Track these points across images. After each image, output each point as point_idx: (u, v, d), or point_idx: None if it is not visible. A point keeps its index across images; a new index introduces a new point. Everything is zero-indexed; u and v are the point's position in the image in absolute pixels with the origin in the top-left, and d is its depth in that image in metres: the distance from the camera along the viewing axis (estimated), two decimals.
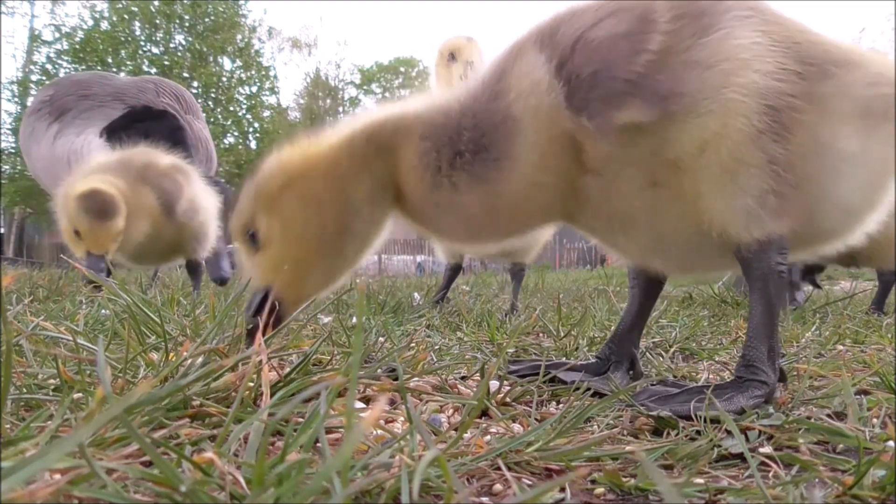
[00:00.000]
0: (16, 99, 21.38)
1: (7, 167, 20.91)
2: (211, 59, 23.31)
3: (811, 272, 2.66)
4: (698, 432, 0.85)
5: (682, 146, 0.96)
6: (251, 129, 23.65)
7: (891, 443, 0.75)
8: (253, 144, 23.35)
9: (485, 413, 0.93)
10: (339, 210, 1.05)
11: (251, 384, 0.85)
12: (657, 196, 1.01)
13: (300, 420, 0.77)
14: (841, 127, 0.97)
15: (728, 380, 1.04)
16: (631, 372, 1.18)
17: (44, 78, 20.69)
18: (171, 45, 22.58)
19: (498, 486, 0.68)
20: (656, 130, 0.95)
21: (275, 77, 25.36)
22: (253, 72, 24.18)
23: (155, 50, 22.46)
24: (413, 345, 1.36)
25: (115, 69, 20.53)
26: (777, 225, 0.97)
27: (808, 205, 0.99)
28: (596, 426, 0.90)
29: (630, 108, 0.94)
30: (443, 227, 1.11)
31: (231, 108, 23.43)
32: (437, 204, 1.05)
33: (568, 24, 1.01)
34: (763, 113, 0.93)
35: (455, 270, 2.60)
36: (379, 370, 1.08)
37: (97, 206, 2.23)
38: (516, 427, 0.89)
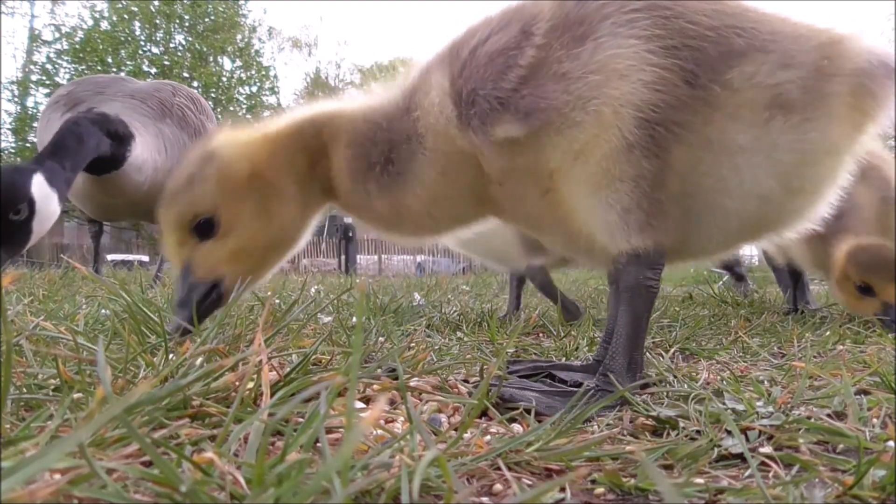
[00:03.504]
0: (16, 99, 21.38)
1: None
2: (211, 59, 23.30)
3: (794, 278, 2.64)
4: (698, 432, 0.85)
5: (556, 158, 0.97)
6: None
7: (891, 443, 0.75)
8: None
9: (485, 413, 0.93)
10: (292, 198, 1.08)
11: (251, 384, 0.85)
12: (553, 202, 1.03)
13: (300, 420, 0.77)
14: (740, 123, 0.92)
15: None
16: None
17: (44, 78, 20.70)
18: (171, 45, 22.58)
19: (498, 486, 0.68)
20: (533, 143, 0.96)
21: (275, 77, 25.35)
22: (253, 72, 24.18)
23: (155, 50, 22.45)
24: (413, 345, 1.36)
25: (115, 69, 20.53)
26: (644, 240, 0.95)
27: (685, 217, 0.97)
28: (596, 426, 0.90)
29: (503, 123, 0.95)
30: (366, 222, 1.16)
31: (231, 108, 23.42)
32: (355, 205, 1.12)
33: (467, 39, 1.02)
34: (637, 126, 0.90)
35: (521, 279, 2.39)
36: (379, 370, 1.08)
37: None
38: (516, 427, 0.89)
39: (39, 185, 2.42)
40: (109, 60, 20.84)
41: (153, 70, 21.69)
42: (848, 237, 1.92)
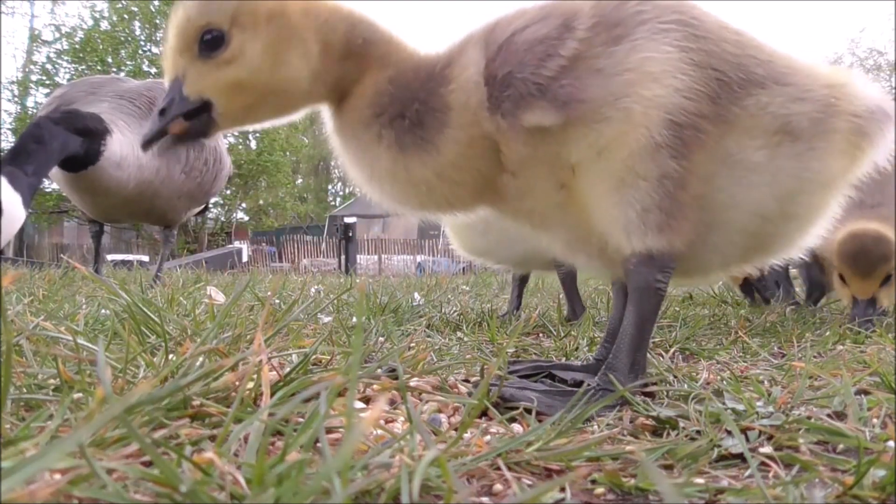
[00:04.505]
0: (16, 99, 21.38)
1: None
2: None
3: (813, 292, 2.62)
4: (698, 432, 0.85)
5: (581, 151, 0.98)
6: (251, 129, 23.64)
7: (891, 443, 0.75)
8: (253, 144, 23.35)
9: (485, 413, 0.93)
10: (302, 67, 1.02)
11: (251, 384, 0.85)
12: (567, 198, 1.03)
13: (300, 420, 0.77)
14: (753, 143, 0.98)
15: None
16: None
17: (44, 78, 20.70)
18: None
19: (498, 486, 0.68)
20: (560, 134, 0.97)
21: None
22: None
23: (155, 50, 22.43)
24: (413, 345, 1.36)
25: (115, 69, 20.53)
26: (659, 241, 0.97)
27: (698, 224, 0.99)
28: (596, 426, 0.90)
29: (536, 110, 0.96)
30: (347, 153, 1.08)
31: None
32: (351, 133, 1.06)
33: (504, 25, 1.02)
34: (665, 127, 0.93)
35: (523, 279, 2.36)
36: (379, 370, 1.08)
37: None
38: (516, 427, 0.89)
39: (4, 189, 2.43)
40: (109, 60, 20.83)
41: (153, 70, 21.67)
42: (859, 222, 1.85)
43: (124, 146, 3.02)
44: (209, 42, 0.98)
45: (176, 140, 1.03)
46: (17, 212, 2.47)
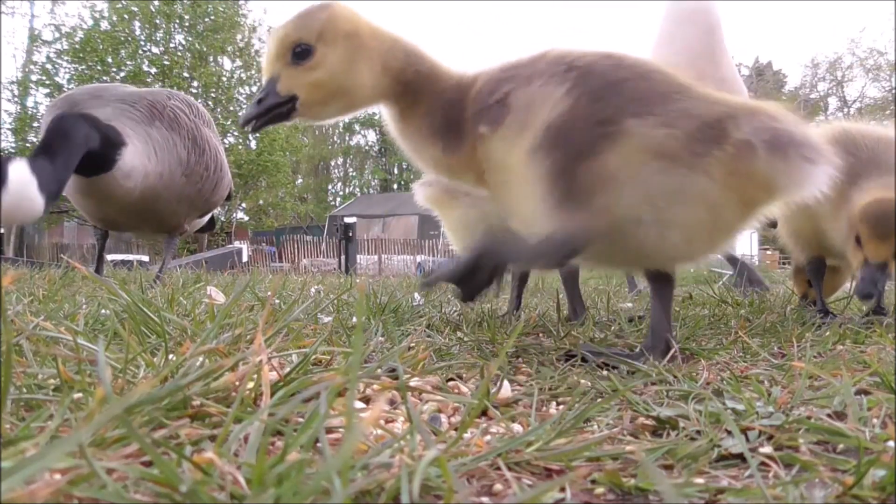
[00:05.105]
0: (16, 99, 21.38)
1: None
2: (211, 59, 23.29)
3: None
4: (698, 432, 0.85)
5: (507, 155, 1.29)
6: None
7: (891, 443, 0.75)
8: (253, 144, 23.35)
9: (485, 413, 0.93)
10: (368, 77, 1.37)
11: (251, 384, 0.85)
12: (508, 189, 1.35)
13: (300, 420, 0.77)
14: (629, 160, 1.18)
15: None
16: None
17: (44, 78, 20.70)
18: (171, 45, 22.57)
19: (498, 486, 0.68)
20: (492, 142, 1.31)
21: None
22: (253, 72, 24.16)
23: (155, 50, 22.45)
24: (413, 345, 1.36)
25: (115, 69, 20.53)
26: (563, 219, 1.21)
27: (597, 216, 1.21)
28: (596, 426, 0.90)
29: (482, 125, 1.32)
30: (408, 151, 1.48)
31: (231, 108, 23.42)
32: (418, 139, 1.43)
33: (487, 73, 1.39)
34: (554, 145, 1.21)
35: (522, 279, 2.35)
36: (379, 370, 1.08)
37: None
38: (516, 427, 0.89)
39: (19, 168, 2.50)
40: (109, 60, 20.83)
41: (153, 70, 21.68)
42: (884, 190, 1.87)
43: (134, 157, 3.06)
44: (300, 53, 1.32)
45: (266, 122, 1.37)
46: (26, 190, 2.50)
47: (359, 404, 0.94)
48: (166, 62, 21.92)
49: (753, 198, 1.23)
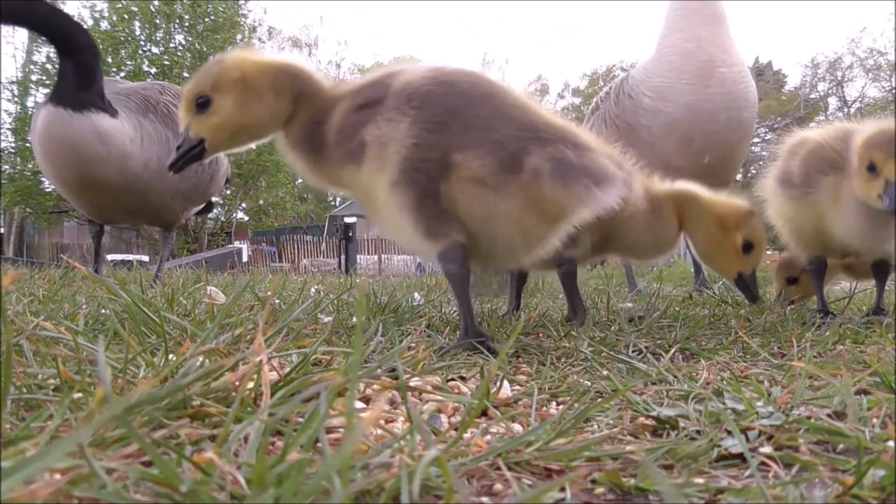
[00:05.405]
0: (16, 99, 21.37)
1: (7, 167, 20.90)
2: (211, 59, 23.25)
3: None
4: (698, 432, 0.85)
5: (373, 188, 1.46)
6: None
7: (891, 443, 0.75)
8: (253, 144, 23.31)
9: (485, 413, 0.93)
10: (261, 110, 1.56)
11: (251, 384, 0.85)
12: (382, 216, 1.53)
13: (300, 420, 0.77)
14: (462, 183, 1.39)
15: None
16: None
17: (44, 78, 20.68)
18: (171, 45, 22.55)
19: (498, 486, 0.68)
20: (359, 176, 1.47)
21: None
22: None
23: (155, 50, 22.43)
24: (413, 345, 1.36)
25: (115, 69, 20.51)
26: (433, 244, 1.43)
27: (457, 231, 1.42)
28: (596, 426, 0.90)
29: (349, 164, 1.49)
30: (291, 163, 1.66)
31: None
32: (294, 152, 1.61)
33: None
34: (403, 168, 1.40)
35: (522, 278, 2.35)
36: (379, 370, 1.08)
37: None
38: (516, 427, 0.89)
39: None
40: (109, 60, 20.81)
41: (153, 70, 21.66)
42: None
43: (113, 126, 3.11)
44: (201, 104, 1.56)
45: (184, 164, 1.61)
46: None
47: (359, 404, 0.94)
48: (166, 62, 21.91)
49: (552, 214, 1.42)
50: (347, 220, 13.36)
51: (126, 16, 21.77)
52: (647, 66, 3.36)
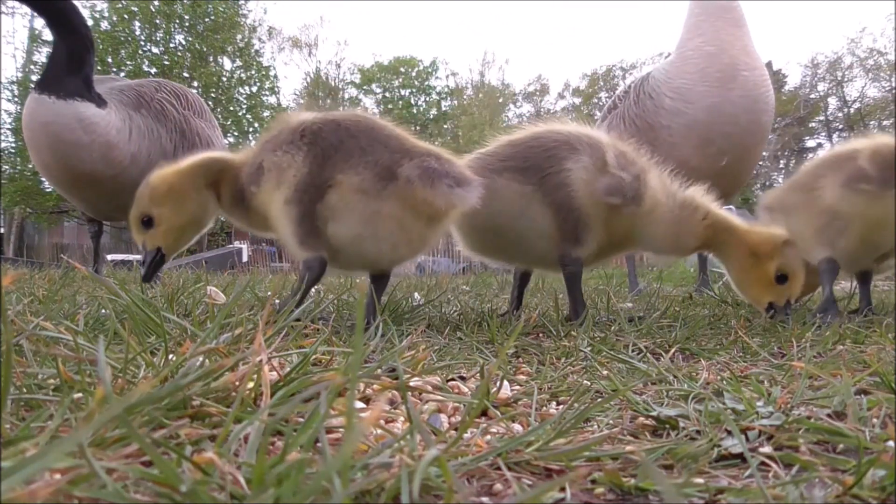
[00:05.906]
0: (16, 99, 21.37)
1: (7, 167, 20.90)
2: (211, 59, 23.28)
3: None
4: (698, 432, 0.85)
5: (270, 205, 1.82)
6: (251, 129, 23.66)
7: (891, 443, 0.75)
8: (253, 144, 23.33)
9: (485, 413, 0.93)
10: (191, 205, 1.92)
11: (251, 384, 0.85)
12: (276, 228, 1.89)
13: (300, 420, 0.77)
14: (345, 195, 1.71)
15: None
16: None
17: None
18: (171, 45, 22.56)
19: (498, 486, 0.68)
20: (259, 196, 1.84)
21: (275, 77, 25.36)
22: (253, 72, 24.17)
23: (155, 50, 22.44)
24: (413, 345, 1.36)
25: (115, 69, 20.52)
26: (303, 252, 1.78)
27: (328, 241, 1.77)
28: (596, 426, 0.90)
29: (252, 186, 1.85)
30: (221, 210, 2.01)
31: (231, 108, 23.42)
32: (228, 211, 1.99)
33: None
34: (295, 189, 1.75)
35: (525, 278, 2.37)
36: (379, 370, 1.08)
37: None
38: (516, 427, 0.89)
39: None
40: (109, 60, 20.81)
41: (153, 70, 21.66)
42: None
43: (97, 114, 3.13)
44: (146, 222, 1.91)
45: (152, 272, 1.95)
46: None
47: (359, 404, 0.94)
48: (166, 62, 21.91)
49: (429, 214, 1.72)
50: None
51: (126, 16, 21.78)
52: (669, 67, 3.37)
